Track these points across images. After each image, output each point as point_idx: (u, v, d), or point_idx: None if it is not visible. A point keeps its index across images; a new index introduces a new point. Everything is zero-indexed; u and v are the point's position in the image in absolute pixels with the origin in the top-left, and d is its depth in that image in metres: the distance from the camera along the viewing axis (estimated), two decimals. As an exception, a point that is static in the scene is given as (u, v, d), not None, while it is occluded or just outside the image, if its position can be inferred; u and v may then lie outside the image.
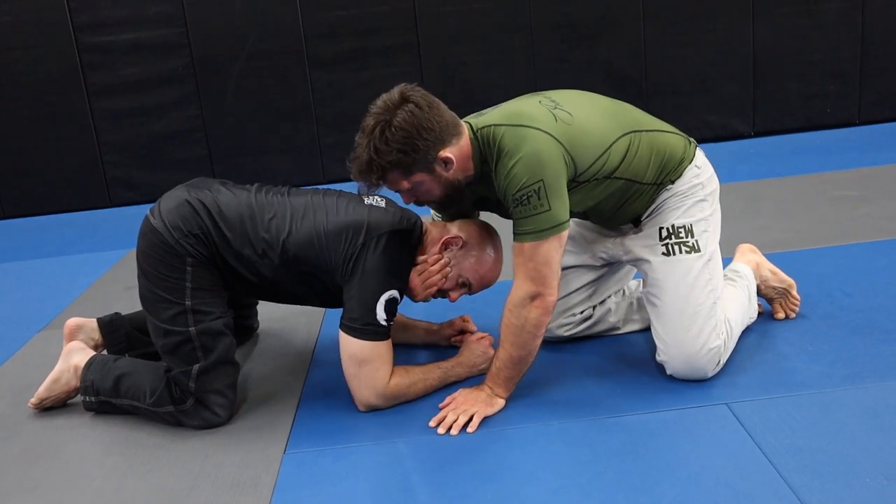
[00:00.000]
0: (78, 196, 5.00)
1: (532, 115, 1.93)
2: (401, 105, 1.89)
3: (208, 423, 2.09)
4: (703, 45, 4.97)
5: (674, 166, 2.08)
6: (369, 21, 4.84)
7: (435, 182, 1.97)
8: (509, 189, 1.88)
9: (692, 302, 2.03)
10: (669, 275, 2.06)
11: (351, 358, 2.04)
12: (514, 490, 1.72)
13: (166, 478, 1.90)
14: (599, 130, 1.98)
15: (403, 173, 1.93)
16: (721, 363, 2.08)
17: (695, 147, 2.15)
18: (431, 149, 1.91)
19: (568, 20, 4.92)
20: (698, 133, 5.07)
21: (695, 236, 2.06)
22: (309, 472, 1.87)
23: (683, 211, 2.08)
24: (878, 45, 5.00)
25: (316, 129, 4.96)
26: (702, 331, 2.02)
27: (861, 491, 1.59)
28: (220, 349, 2.08)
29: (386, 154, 1.88)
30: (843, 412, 1.87)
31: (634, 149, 2.02)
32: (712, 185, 2.14)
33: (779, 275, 2.38)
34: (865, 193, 3.65)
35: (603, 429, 1.92)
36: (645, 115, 2.14)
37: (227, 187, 2.18)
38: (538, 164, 1.86)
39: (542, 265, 1.90)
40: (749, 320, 2.30)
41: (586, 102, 2.07)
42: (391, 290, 2.03)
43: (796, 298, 2.39)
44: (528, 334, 1.95)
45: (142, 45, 4.78)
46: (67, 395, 2.26)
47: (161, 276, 2.06)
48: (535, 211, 1.86)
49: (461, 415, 1.99)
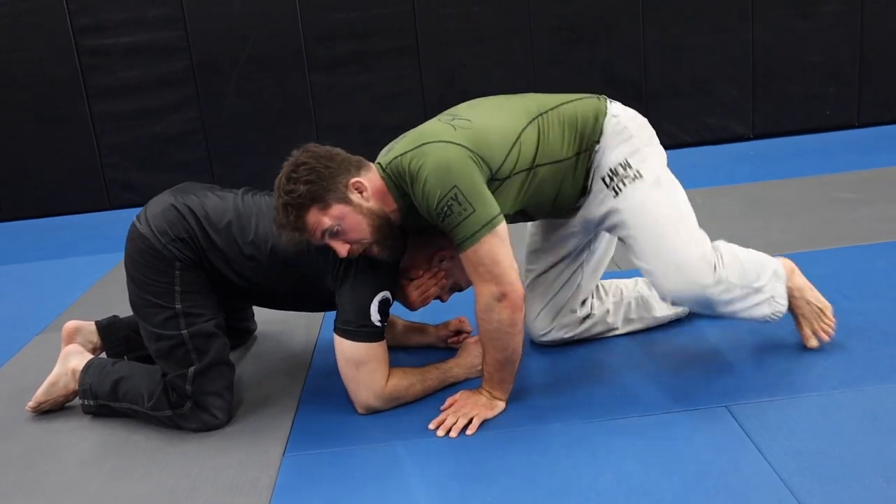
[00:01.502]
0: (77, 198, 5.00)
1: (431, 132, 1.96)
2: (299, 155, 1.95)
3: (207, 426, 2.09)
4: (703, 46, 4.98)
5: (591, 128, 2.07)
6: (369, 23, 4.84)
7: (358, 214, 1.92)
8: (429, 206, 1.88)
9: (658, 221, 2.01)
10: (626, 210, 2.03)
11: (348, 361, 2.04)
12: (513, 492, 1.72)
13: (165, 480, 1.90)
14: (502, 126, 2.00)
15: (320, 208, 1.91)
16: (722, 278, 1.98)
17: (606, 101, 2.13)
18: (338, 175, 1.92)
19: (567, 22, 4.92)
20: (698, 135, 5.08)
21: (633, 167, 2.04)
22: (308, 475, 1.87)
23: (614, 153, 2.06)
24: (877, 47, 5.00)
25: (315, 132, 4.96)
26: (679, 236, 1.99)
27: (860, 493, 1.59)
28: (213, 351, 2.08)
29: (295, 190, 1.89)
30: (842, 414, 1.87)
31: (545, 131, 2.03)
32: (636, 123, 2.12)
33: (816, 292, 2.21)
34: (865, 196, 3.65)
35: (602, 431, 1.92)
36: (550, 95, 2.15)
37: (213, 192, 2.18)
38: (446, 173, 1.86)
39: (492, 265, 1.89)
40: (763, 280, 2.12)
41: (487, 105, 2.11)
42: (384, 292, 2.03)
43: (831, 321, 2.19)
44: (505, 335, 1.94)
45: (141, 48, 4.79)
46: (65, 398, 2.26)
47: (150, 282, 2.06)
48: (461, 217, 1.86)
49: (461, 417, 1.99)
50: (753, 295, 2.07)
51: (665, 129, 5.01)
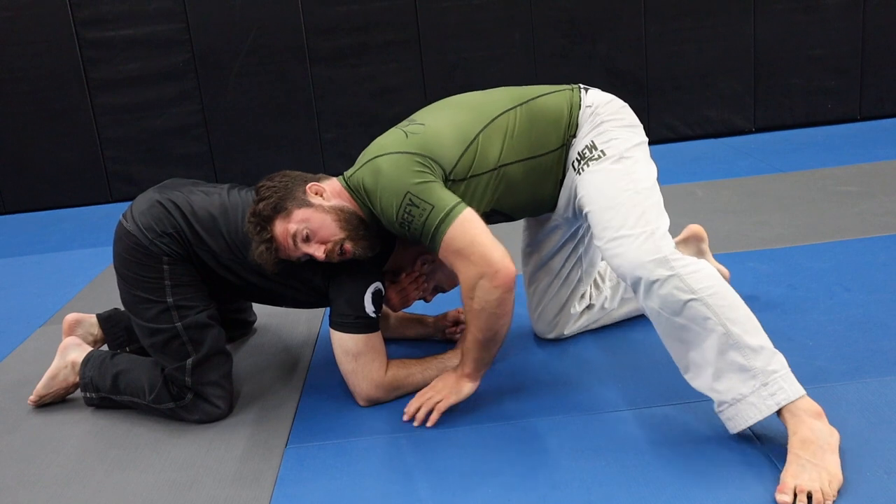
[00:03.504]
0: (78, 191, 5.00)
1: (382, 145, 1.97)
2: (260, 184, 2.02)
3: (209, 416, 2.10)
4: (704, 40, 4.96)
5: (566, 122, 2.03)
6: (370, 16, 4.83)
7: (321, 212, 1.94)
8: (391, 220, 1.89)
9: (610, 195, 1.88)
10: (588, 185, 1.94)
11: (346, 353, 2.05)
12: (515, 483, 1.72)
13: (168, 472, 1.91)
14: (458, 127, 1.98)
15: (283, 217, 1.94)
16: (676, 271, 1.72)
17: (579, 92, 2.08)
18: (296, 186, 1.98)
19: (569, 16, 4.91)
20: (699, 128, 5.07)
21: (598, 148, 1.97)
22: (310, 466, 1.87)
23: (584, 140, 2.01)
24: (879, 40, 4.99)
25: (317, 125, 4.96)
26: (629, 211, 1.83)
27: (861, 485, 1.59)
28: (209, 341, 2.09)
29: (258, 210, 1.95)
30: (842, 407, 1.87)
31: (512, 129, 2.00)
32: (611, 107, 2.05)
33: (835, 445, 1.66)
34: (866, 189, 3.65)
35: (604, 423, 1.92)
36: (523, 88, 2.11)
37: (198, 187, 2.19)
38: (397, 183, 1.86)
39: (469, 247, 1.82)
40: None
41: (447, 105, 2.10)
42: (376, 282, 2.05)
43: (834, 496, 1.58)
44: (491, 315, 1.86)
45: (142, 41, 4.77)
46: (66, 391, 2.27)
47: (140, 278, 2.07)
48: (423, 217, 1.84)
49: (424, 404, 1.98)
50: (731, 350, 1.68)
51: (666, 123, 5.01)
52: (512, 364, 2.27)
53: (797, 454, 1.61)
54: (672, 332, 1.77)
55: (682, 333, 1.75)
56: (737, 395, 1.69)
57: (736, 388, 1.69)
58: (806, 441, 1.62)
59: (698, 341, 1.73)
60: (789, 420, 1.66)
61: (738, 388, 1.69)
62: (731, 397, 1.70)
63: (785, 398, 1.66)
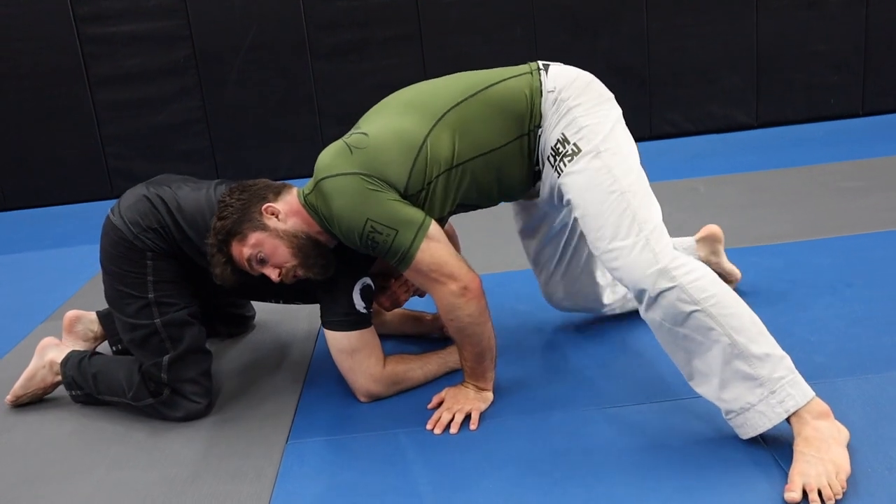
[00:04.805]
0: (80, 187, 5.00)
1: (327, 165, 1.90)
2: (223, 195, 2.00)
3: (189, 413, 2.10)
4: (707, 35, 4.95)
5: (527, 112, 1.94)
6: (371, 11, 4.82)
7: (274, 238, 1.92)
8: (355, 244, 1.89)
9: (599, 196, 1.81)
10: (571, 188, 1.87)
11: (341, 352, 2.05)
12: (515, 480, 1.72)
13: (168, 468, 1.91)
14: (402, 134, 1.90)
15: (239, 240, 1.93)
16: (673, 274, 1.69)
17: (539, 75, 1.98)
18: (252, 205, 1.95)
19: (570, 11, 4.90)
20: (701, 124, 5.06)
21: (570, 142, 1.88)
22: (311, 462, 1.87)
23: (554, 132, 1.93)
24: (882, 35, 4.98)
25: (318, 121, 4.96)
26: (622, 217, 1.77)
27: (862, 481, 1.59)
28: (188, 339, 2.09)
29: (217, 230, 1.94)
30: (844, 403, 1.86)
31: (466, 125, 1.92)
32: (576, 87, 1.95)
33: (843, 438, 1.67)
34: (868, 184, 3.64)
35: (605, 419, 1.92)
36: (476, 74, 2.02)
37: (187, 183, 2.18)
38: (353, 210, 1.84)
39: (438, 268, 1.87)
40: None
41: (391, 107, 2.02)
42: (363, 278, 2.05)
43: (843, 486, 1.57)
44: (475, 327, 1.93)
45: (143, 37, 4.77)
46: (44, 391, 2.27)
47: (123, 273, 2.07)
48: (388, 243, 1.84)
49: (457, 413, 1.97)
50: (736, 360, 1.66)
51: (669, 118, 5.00)
52: (512, 362, 2.26)
53: (802, 451, 1.61)
54: (675, 342, 1.75)
55: (686, 343, 1.73)
56: (744, 404, 1.68)
57: (743, 398, 1.67)
58: (809, 439, 1.62)
59: (702, 351, 1.71)
60: (794, 423, 1.66)
61: (745, 397, 1.67)
62: (738, 406, 1.69)
63: (794, 404, 1.65)
